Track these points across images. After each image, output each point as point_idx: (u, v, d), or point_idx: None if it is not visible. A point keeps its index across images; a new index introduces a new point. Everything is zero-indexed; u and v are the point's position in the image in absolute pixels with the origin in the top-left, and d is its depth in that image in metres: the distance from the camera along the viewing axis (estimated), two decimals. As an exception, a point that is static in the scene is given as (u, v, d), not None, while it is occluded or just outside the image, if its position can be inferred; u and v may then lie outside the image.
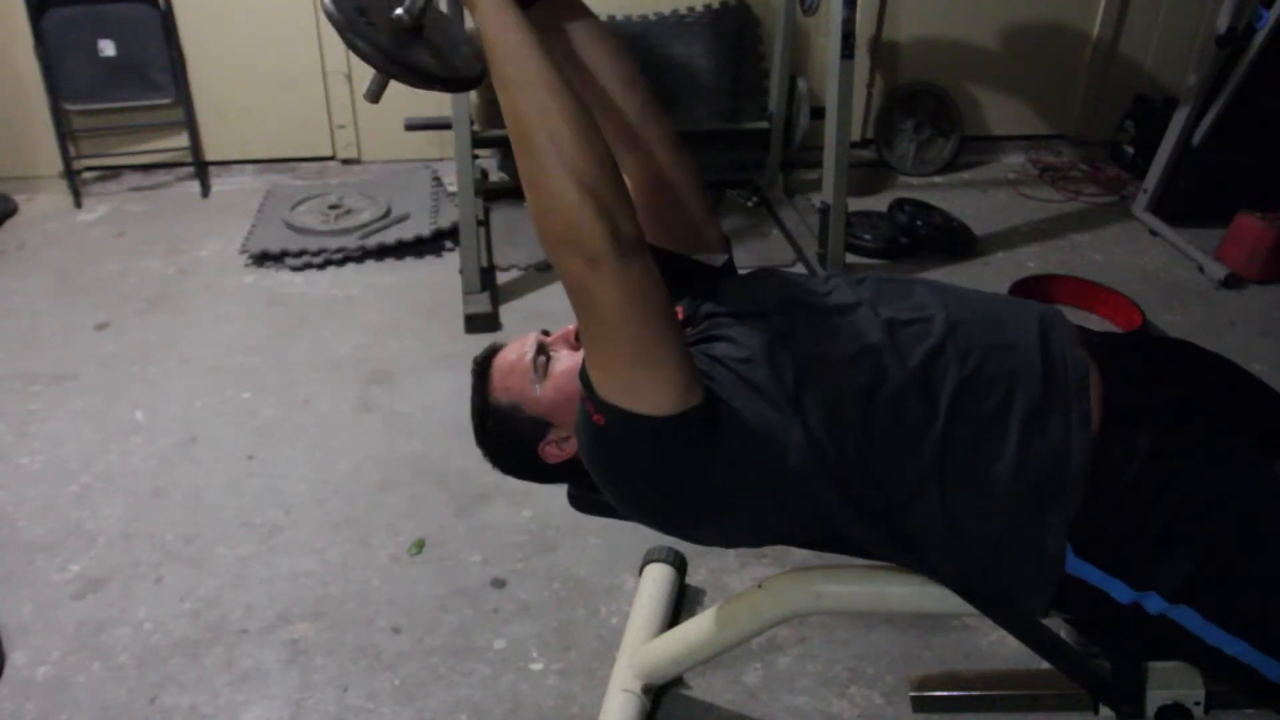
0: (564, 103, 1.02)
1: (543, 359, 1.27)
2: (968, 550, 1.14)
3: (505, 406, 1.28)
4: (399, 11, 1.10)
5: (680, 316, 1.31)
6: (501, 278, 2.96)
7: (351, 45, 1.06)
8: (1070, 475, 1.10)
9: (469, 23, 1.10)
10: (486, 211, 3.15)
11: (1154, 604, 1.10)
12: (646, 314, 1.04)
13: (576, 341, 1.29)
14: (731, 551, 1.93)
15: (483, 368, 1.31)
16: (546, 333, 1.32)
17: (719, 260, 1.36)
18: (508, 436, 1.29)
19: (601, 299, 1.02)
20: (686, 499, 1.16)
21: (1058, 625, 1.28)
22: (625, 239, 1.01)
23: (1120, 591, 1.11)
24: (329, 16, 1.07)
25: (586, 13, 1.25)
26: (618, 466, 1.16)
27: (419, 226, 3.14)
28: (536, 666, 1.72)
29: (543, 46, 1.04)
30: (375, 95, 1.14)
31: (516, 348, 1.30)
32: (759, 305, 1.26)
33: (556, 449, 1.27)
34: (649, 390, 1.06)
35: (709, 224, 1.35)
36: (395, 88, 1.18)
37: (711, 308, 1.30)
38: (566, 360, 1.26)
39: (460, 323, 2.70)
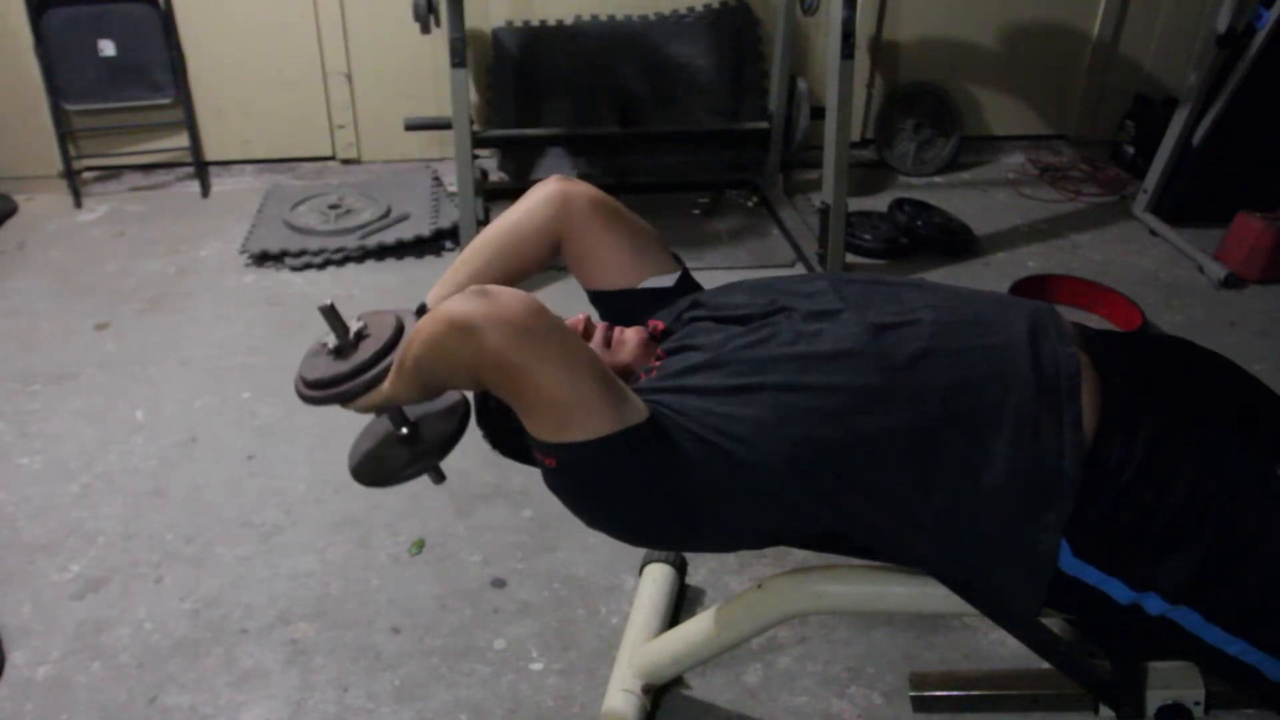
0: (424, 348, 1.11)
1: None
2: (958, 552, 1.14)
3: None
4: (403, 431, 1.30)
5: (661, 328, 1.36)
6: (501, 278, 2.96)
7: (403, 480, 1.28)
8: (1062, 477, 1.10)
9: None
10: (486, 211, 3.15)
11: (1154, 605, 1.10)
12: (541, 345, 1.04)
13: (584, 332, 1.32)
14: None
15: None
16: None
17: (670, 280, 1.43)
18: (508, 417, 1.30)
19: (491, 351, 1.03)
20: (666, 514, 1.16)
21: (1058, 625, 1.28)
22: (467, 294, 1.05)
23: (1119, 592, 1.11)
24: (366, 484, 1.32)
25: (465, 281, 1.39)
26: (587, 499, 1.17)
27: (419, 226, 3.14)
28: (536, 666, 1.72)
29: (405, 356, 1.15)
30: (440, 477, 1.31)
31: None
32: (741, 310, 1.28)
33: None
34: (579, 417, 1.06)
35: (649, 254, 1.43)
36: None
37: (693, 314, 1.32)
38: None
39: (460, 323, 2.70)
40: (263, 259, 3.04)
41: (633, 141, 3.48)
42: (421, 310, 1.31)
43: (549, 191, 1.40)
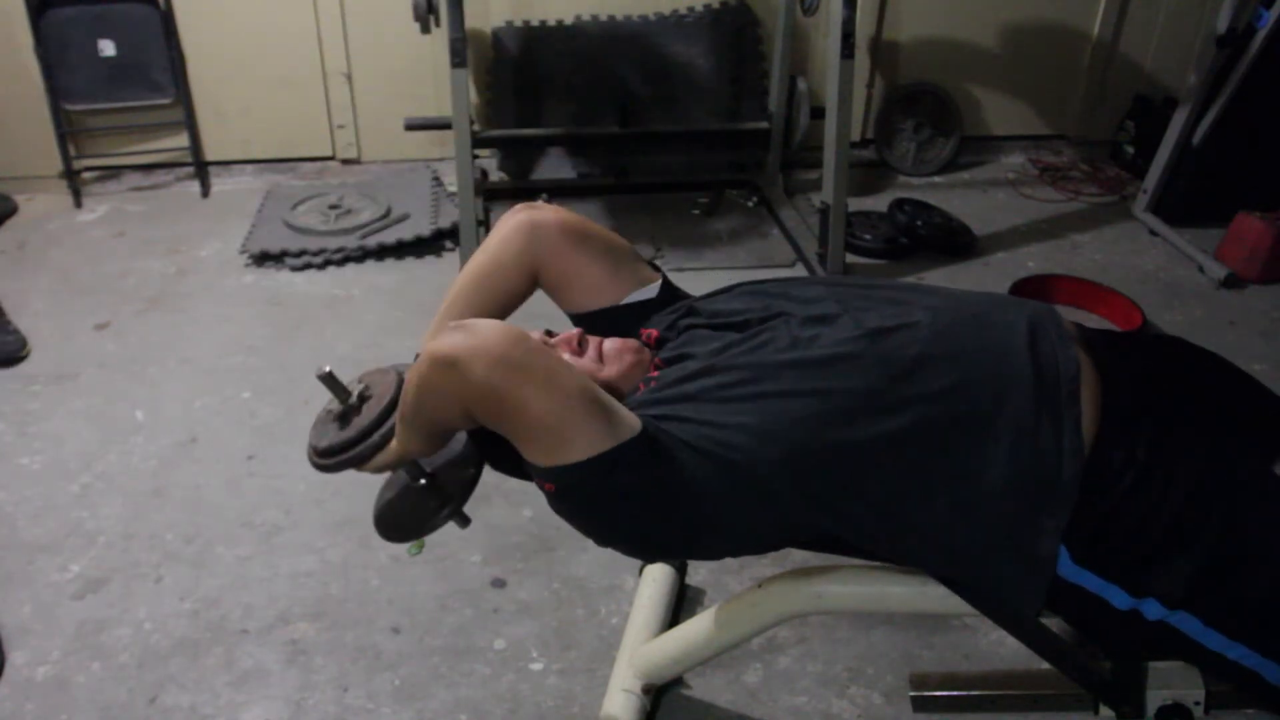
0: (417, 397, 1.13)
1: None
2: (957, 554, 1.13)
3: None
4: (421, 482, 1.31)
5: (656, 336, 1.36)
6: (501, 278, 2.96)
7: (431, 531, 1.30)
8: (1062, 479, 1.09)
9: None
10: (486, 211, 3.15)
11: (1152, 611, 1.10)
12: (524, 372, 1.03)
13: (579, 347, 1.30)
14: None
15: None
16: (550, 333, 1.32)
17: (653, 291, 1.42)
18: (501, 442, 1.30)
19: (475, 383, 1.03)
20: (666, 525, 1.15)
21: (1058, 624, 1.28)
22: (447, 330, 1.05)
23: (1118, 598, 1.10)
24: (394, 539, 1.34)
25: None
26: (588, 517, 1.17)
27: (419, 226, 3.14)
28: (536, 666, 1.72)
29: (404, 406, 1.17)
30: (465, 521, 1.33)
31: None
32: (738, 317, 1.27)
33: None
34: (570, 439, 1.06)
35: (626, 269, 1.43)
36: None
37: (689, 321, 1.31)
38: None
39: (460, 323, 2.70)
40: (263, 259, 3.04)
41: (633, 141, 3.48)
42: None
43: (517, 222, 1.39)
